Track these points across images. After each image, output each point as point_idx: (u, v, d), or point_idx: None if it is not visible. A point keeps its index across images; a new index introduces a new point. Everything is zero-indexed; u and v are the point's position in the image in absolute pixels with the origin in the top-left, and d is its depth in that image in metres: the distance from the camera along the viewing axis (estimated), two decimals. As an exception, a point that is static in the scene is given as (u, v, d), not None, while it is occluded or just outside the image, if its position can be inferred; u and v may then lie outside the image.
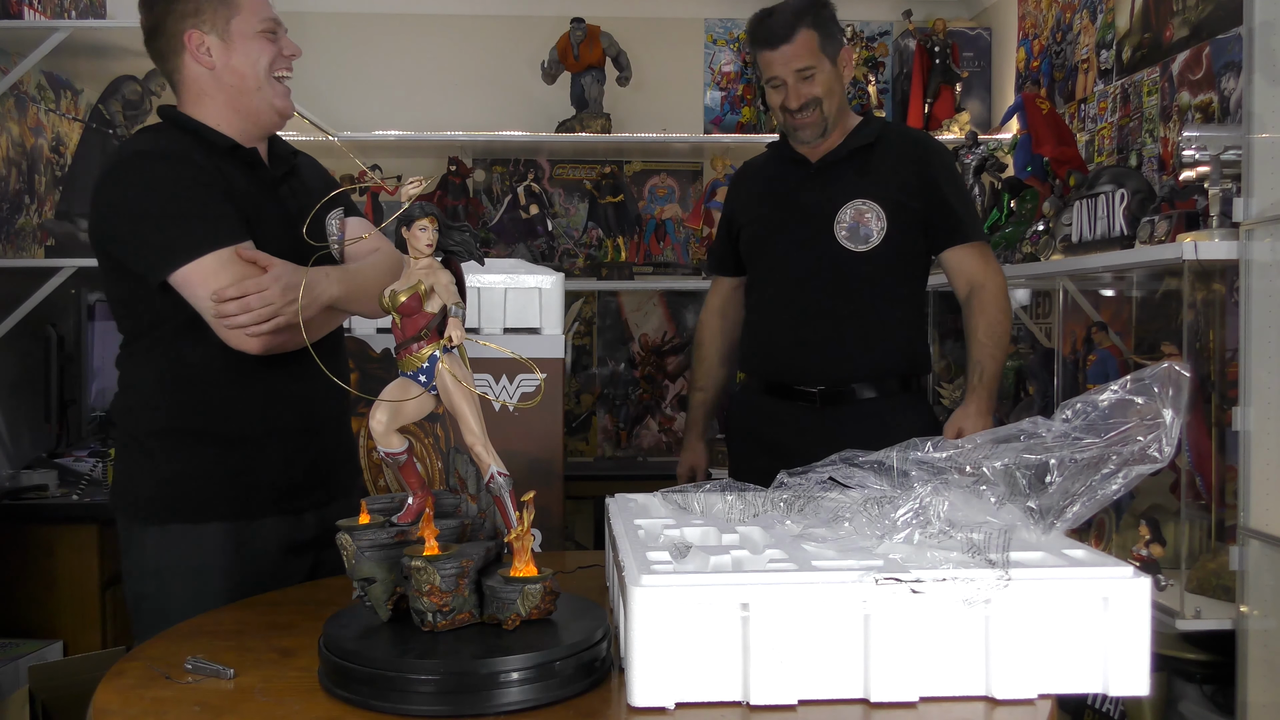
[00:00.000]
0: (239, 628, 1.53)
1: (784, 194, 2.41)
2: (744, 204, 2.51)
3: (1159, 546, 2.40)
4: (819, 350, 2.34)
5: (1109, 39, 3.19)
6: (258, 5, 1.80)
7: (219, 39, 1.77)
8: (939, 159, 2.40)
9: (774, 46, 2.28)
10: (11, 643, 2.77)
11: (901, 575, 1.19)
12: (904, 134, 2.48)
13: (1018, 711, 1.19)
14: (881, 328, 2.35)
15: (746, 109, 4.27)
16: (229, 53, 1.78)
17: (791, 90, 2.30)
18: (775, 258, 2.40)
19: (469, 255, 1.35)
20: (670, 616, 1.17)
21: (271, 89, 1.81)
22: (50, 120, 3.38)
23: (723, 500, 1.59)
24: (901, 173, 2.34)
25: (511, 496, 1.32)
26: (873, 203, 2.32)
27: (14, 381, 3.15)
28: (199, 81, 1.80)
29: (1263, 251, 2.14)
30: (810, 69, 2.28)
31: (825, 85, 2.31)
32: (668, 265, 4.16)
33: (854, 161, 2.37)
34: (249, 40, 1.78)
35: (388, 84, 4.15)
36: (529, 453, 2.62)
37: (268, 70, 1.80)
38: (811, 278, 2.35)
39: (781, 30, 2.27)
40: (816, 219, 2.34)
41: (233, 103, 1.80)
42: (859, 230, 2.31)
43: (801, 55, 2.27)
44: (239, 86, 1.79)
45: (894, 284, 2.37)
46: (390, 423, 1.35)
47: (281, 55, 1.82)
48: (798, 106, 2.30)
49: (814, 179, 2.38)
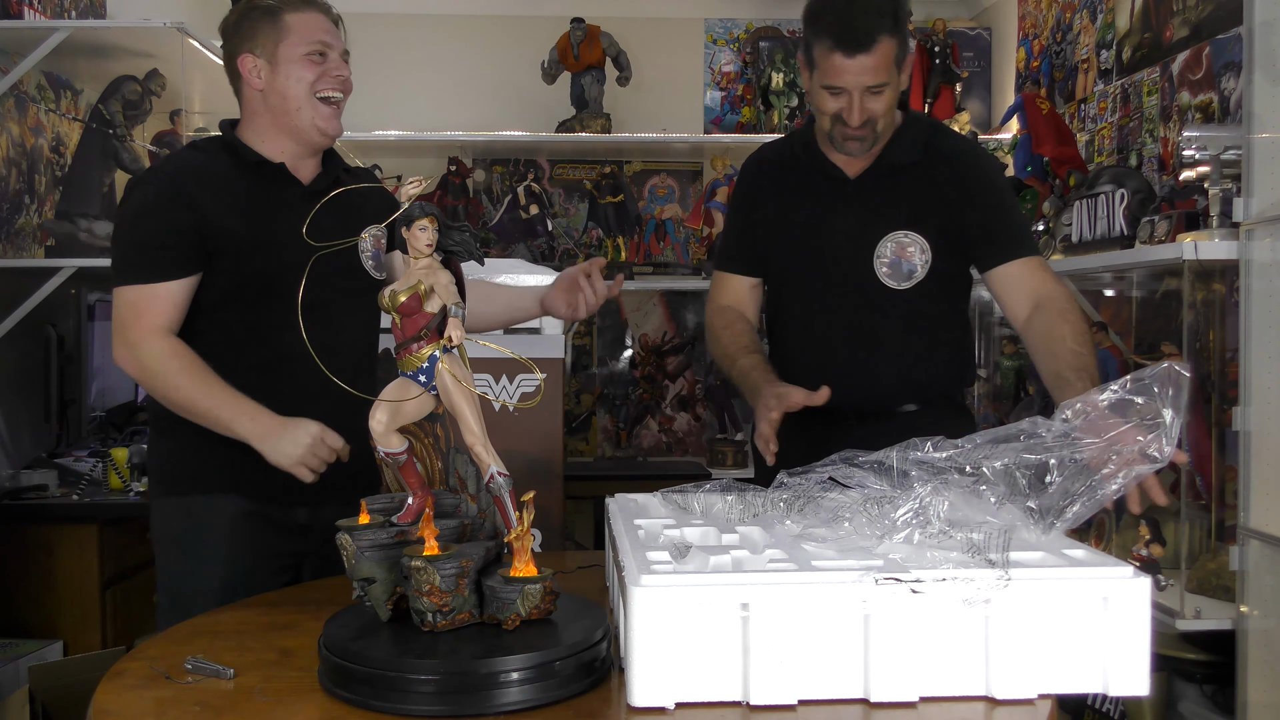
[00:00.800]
0: (239, 628, 1.53)
1: (816, 213, 2.09)
2: (767, 209, 2.16)
3: (1159, 546, 2.40)
4: (855, 385, 2.04)
5: (1109, 39, 3.19)
6: (308, 30, 1.88)
7: (267, 62, 1.87)
8: (987, 173, 2.10)
9: (850, 53, 1.91)
10: (11, 643, 2.77)
11: (901, 575, 1.19)
12: (950, 146, 2.11)
13: (1017, 711, 1.19)
14: (924, 357, 2.09)
15: (746, 109, 4.27)
16: (275, 75, 1.87)
17: (856, 106, 1.95)
18: (806, 289, 2.12)
19: (469, 255, 1.35)
20: (670, 616, 1.17)
21: (314, 109, 1.88)
22: (50, 120, 3.38)
23: (722, 500, 1.59)
24: (946, 192, 2.04)
25: (511, 496, 1.32)
26: (915, 235, 2.03)
27: (14, 381, 3.15)
28: (251, 102, 1.92)
29: (1263, 251, 2.14)
30: (883, 86, 1.95)
31: (889, 102, 1.99)
32: (668, 265, 4.16)
33: (895, 180, 2.06)
34: (294, 63, 1.87)
35: (388, 84, 4.15)
36: (529, 453, 2.62)
37: (309, 91, 1.87)
38: (847, 315, 2.07)
39: (863, 36, 1.91)
40: (854, 251, 2.06)
41: (277, 122, 1.90)
42: (901, 266, 2.04)
43: (879, 70, 1.93)
44: (282, 107, 1.88)
45: (938, 312, 2.10)
46: (390, 423, 1.35)
47: (328, 76, 1.89)
48: (860, 123, 1.97)
49: (850, 200, 2.07)
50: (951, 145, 2.11)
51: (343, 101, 1.94)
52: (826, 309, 2.09)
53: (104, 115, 3.17)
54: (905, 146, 2.06)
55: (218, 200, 1.85)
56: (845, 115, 1.97)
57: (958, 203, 2.04)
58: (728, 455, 3.92)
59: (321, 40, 1.89)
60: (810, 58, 1.99)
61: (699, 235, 4.17)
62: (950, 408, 2.12)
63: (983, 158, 2.15)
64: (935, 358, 2.10)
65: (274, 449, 1.76)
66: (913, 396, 2.08)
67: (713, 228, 4.03)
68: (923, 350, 2.08)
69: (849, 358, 2.06)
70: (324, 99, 1.89)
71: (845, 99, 1.96)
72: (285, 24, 1.87)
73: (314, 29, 1.89)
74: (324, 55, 1.89)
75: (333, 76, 1.90)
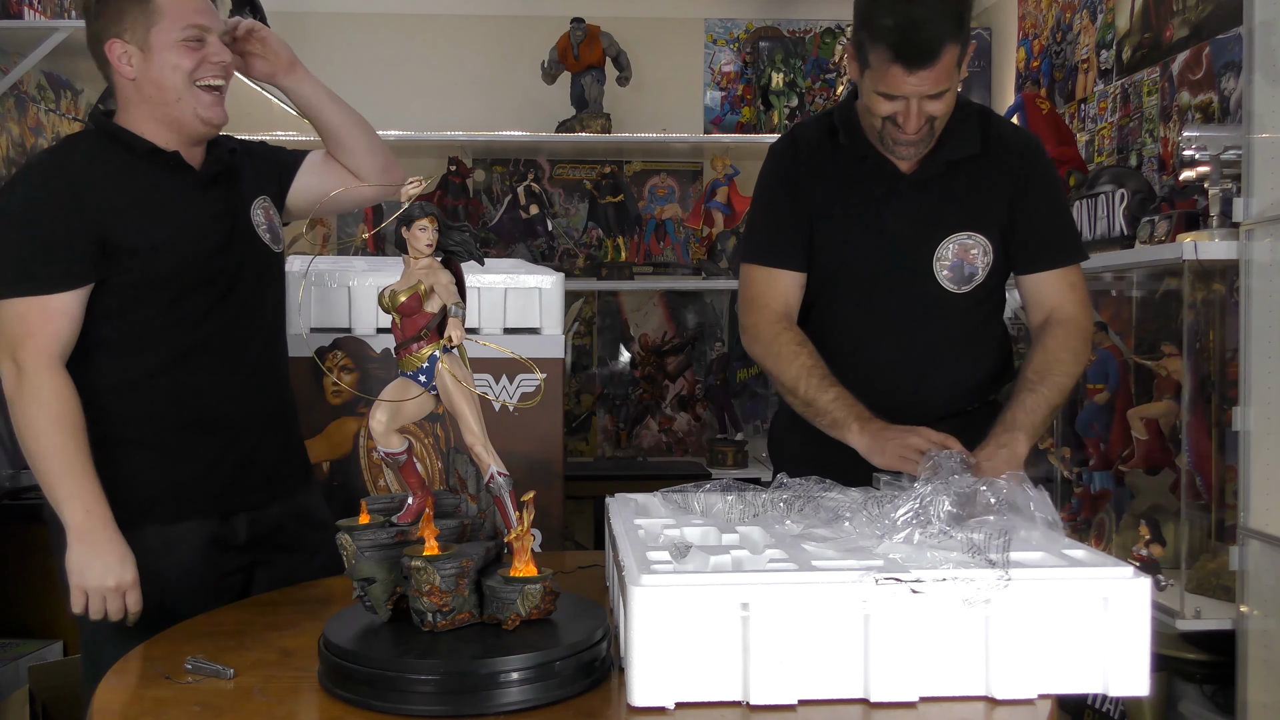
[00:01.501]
0: (239, 628, 1.53)
1: (870, 210, 1.92)
2: (815, 197, 1.96)
3: (1159, 546, 2.40)
4: (901, 390, 1.93)
5: (1109, 39, 3.19)
6: (181, 12, 1.73)
7: (139, 49, 1.72)
8: (1047, 171, 1.97)
9: (912, 68, 1.72)
10: (11, 643, 2.77)
11: (901, 575, 1.19)
12: (1008, 139, 1.96)
13: (1017, 712, 1.19)
14: (974, 362, 2.00)
15: (746, 109, 4.27)
16: (148, 63, 1.73)
17: (914, 112, 1.78)
18: (856, 289, 1.96)
19: (469, 255, 1.35)
20: (670, 616, 1.17)
21: (195, 98, 1.74)
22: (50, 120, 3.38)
23: (723, 500, 1.59)
24: (1005, 188, 1.92)
25: (511, 496, 1.32)
26: (979, 235, 1.90)
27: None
28: (124, 90, 1.77)
29: (1263, 251, 2.14)
30: (943, 91, 1.78)
31: (950, 102, 1.82)
32: (668, 265, 4.16)
33: (954, 175, 1.91)
34: (168, 50, 1.72)
35: (388, 84, 4.15)
36: (529, 453, 2.61)
37: (188, 79, 1.73)
38: (899, 318, 1.94)
39: (927, 48, 1.71)
40: (913, 255, 1.91)
41: (155, 113, 1.76)
42: (963, 269, 1.91)
43: (941, 78, 1.75)
44: (158, 97, 1.74)
45: (988, 313, 2.00)
46: (390, 423, 1.35)
47: (207, 62, 1.75)
48: (917, 128, 1.80)
49: (906, 198, 1.91)
50: (1010, 136, 1.97)
51: (225, 87, 1.79)
52: (876, 311, 1.95)
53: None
54: (964, 139, 1.90)
55: (112, 197, 1.72)
56: (900, 120, 1.80)
57: (1015, 199, 1.92)
58: (728, 455, 3.92)
59: (197, 24, 1.74)
60: (863, 56, 1.79)
61: (699, 235, 4.17)
62: (989, 411, 1.96)
63: (1041, 153, 2.00)
64: (983, 362, 2.01)
65: (84, 556, 1.61)
66: (959, 403, 1.96)
67: (713, 227, 4.03)
68: (974, 356, 1.99)
69: (898, 362, 1.94)
70: (206, 86, 1.75)
71: (903, 104, 1.78)
72: (156, 6, 1.71)
73: (188, 10, 1.73)
74: (201, 41, 1.74)
75: (213, 63, 1.75)
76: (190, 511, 1.77)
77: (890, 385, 1.92)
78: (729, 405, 4.17)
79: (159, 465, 1.76)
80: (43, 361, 1.65)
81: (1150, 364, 2.63)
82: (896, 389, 1.92)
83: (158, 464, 1.76)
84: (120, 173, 1.74)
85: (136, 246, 1.71)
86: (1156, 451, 2.56)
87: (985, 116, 1.97)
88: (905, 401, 1.90)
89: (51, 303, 1.66)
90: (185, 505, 1.77)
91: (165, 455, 1.77)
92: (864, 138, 1.91)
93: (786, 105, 4.12)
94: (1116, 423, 2.70)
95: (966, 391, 1.98)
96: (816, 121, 2.02)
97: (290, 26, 3.99)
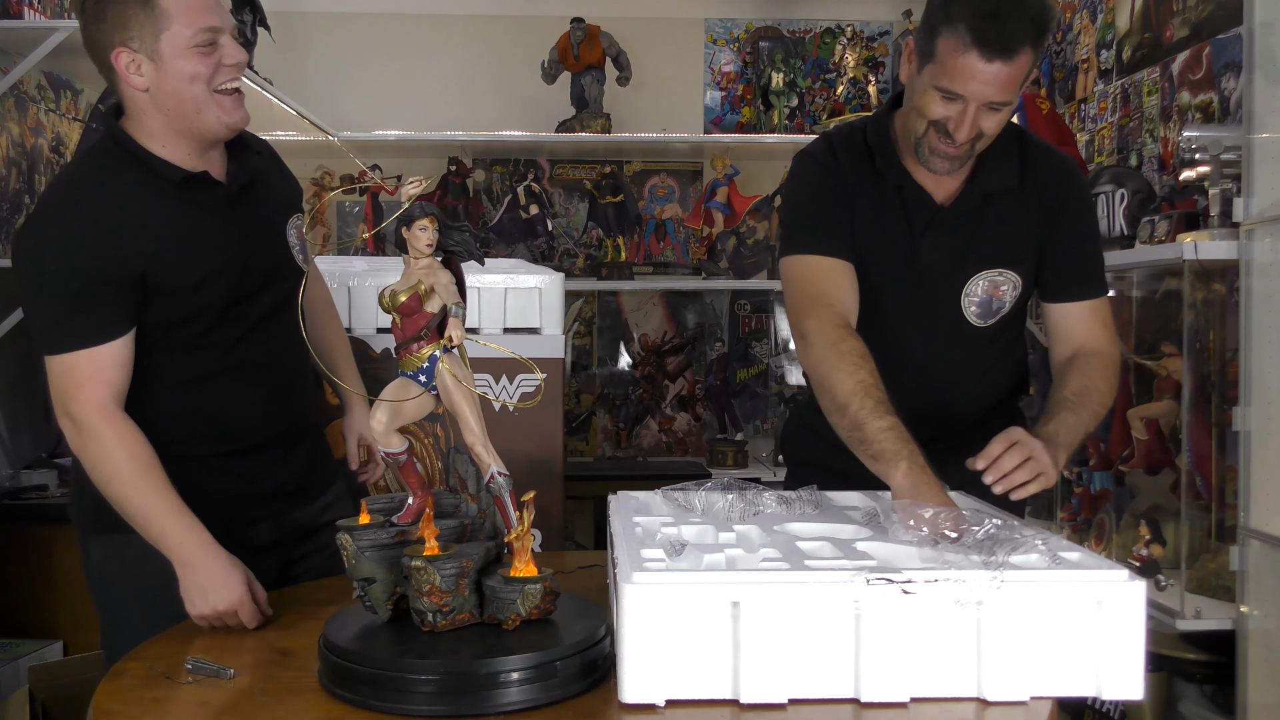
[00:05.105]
0: (239, 628, 1.53)
1: (903, 237, 1.84)
2: (856, 204, 1.86)
3: (1159, 546, 2.40)
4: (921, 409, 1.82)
5: (1109, 39, 3.19)
6: (190, 15, 1.59)
7: (149, 58, 1.59)
8: (1081, 200, 1.90)
9: (989, 57, 1.62)
10: (11, 643, 2.77)
11: (893, 575, 1.19)
12: (1044, 163, 1.87)
13: (1011, 713, 1.19)
14: (996, 385, 1.97)
15: (746, 109, 4.27)
16: (161, 73, 1.59)
17: (969, 118, 1.67)
18: (884, 309, 1.87)
19: (469, 255, 1.35)
20: (661, 614, 1.17)
21: (217, 105, 1.63)
22: (50, 120, 3.38)
23: (723, 499, 1.59)
24: (1038, 222, 1.85)
25: (511, 496, 1.32)
26: (1009, 271, 1.84)
27: (14, 381, 3.15)
28: (136, 101, 1.63)
29: (1263, 251, 2.14)
30: (1006, 104, 1.68)
31: (1002, 122, 1.73)
32: (668, 265, 4.16)
33: (988, 211, 1.84)
34: (181, 58, 1.58)
35: (388, 84, 4.15)
36: (529, 453, 2.61)
37: (207, 88, 1.61)
38: (925, 343, 1.88)
39: (1010, 39, 1.61)
40: (944, 285, 1.85)
41: (173, 124, 1.63)
42: (991, 305, 1.86)
43: (1010, 84, 1.65)
44: (177, 110, 1.61)
45: (1011, 337, 1.96)
46: (390, 423, 1.35)
47: (223, 66, 1.62)
48: (965, 140, 1.70)
49: (940, 230, 1.83)
50: (1045, 163, 1.87)
51: (241, 83, 1.67)
52: (902, 335, 1.88)
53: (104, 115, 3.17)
54: (1003, 172, 1.82)
55: (147, 236, 1.60)
56: (951, 127, 1.68)
57: (1049, 229, 1.85)
58: (728, 455, 3.92)
59: (209, 26, 1.60)
60: (929, 48, 1.67)
61: (699, 235, 4.17)
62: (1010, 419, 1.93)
63: (1078, 180, 1.92)
64: (1003, 383, 1.98)
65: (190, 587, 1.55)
66: (979, 421, 1.90)
67: (713, 227, 4.03)
68: (995, 380, 1.96)
69: (921, 385, 1.87)
70: (224, 90, 1.63)
71: (959, 108, 1.67)
72: (162, 10, 1.57)
73: (197, 11, 1.59)
74: (214, 43, 1.61)
75: (229, 65, 1.63)
76: (213, 520, 1.68)
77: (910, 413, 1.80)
78: (729, 405, 4.17)
79: (176, 475, 1.68)
80: (96, 413, 1.58)
81: (1150, 364, 2.63)
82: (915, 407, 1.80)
83: (174, 475, 1.68)
84: (151, 206, 1.63)
85: (175, 286, 1.63)
86: (1156, 451, 2.56)
87: (1022, 140, 1.88)
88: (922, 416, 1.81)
89: (98, 354, 1.58)
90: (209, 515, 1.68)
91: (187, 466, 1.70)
92: (901, 164, 1.83)
93: (786, 105, 4.12)
94: (1116, 423, 2.70)
95: (986, 411, 1.94)
96: (849, 135, 1.91)
97: (290, 26, 3.99)
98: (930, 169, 1.77)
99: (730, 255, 4.02)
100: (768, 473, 3.81)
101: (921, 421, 1.78)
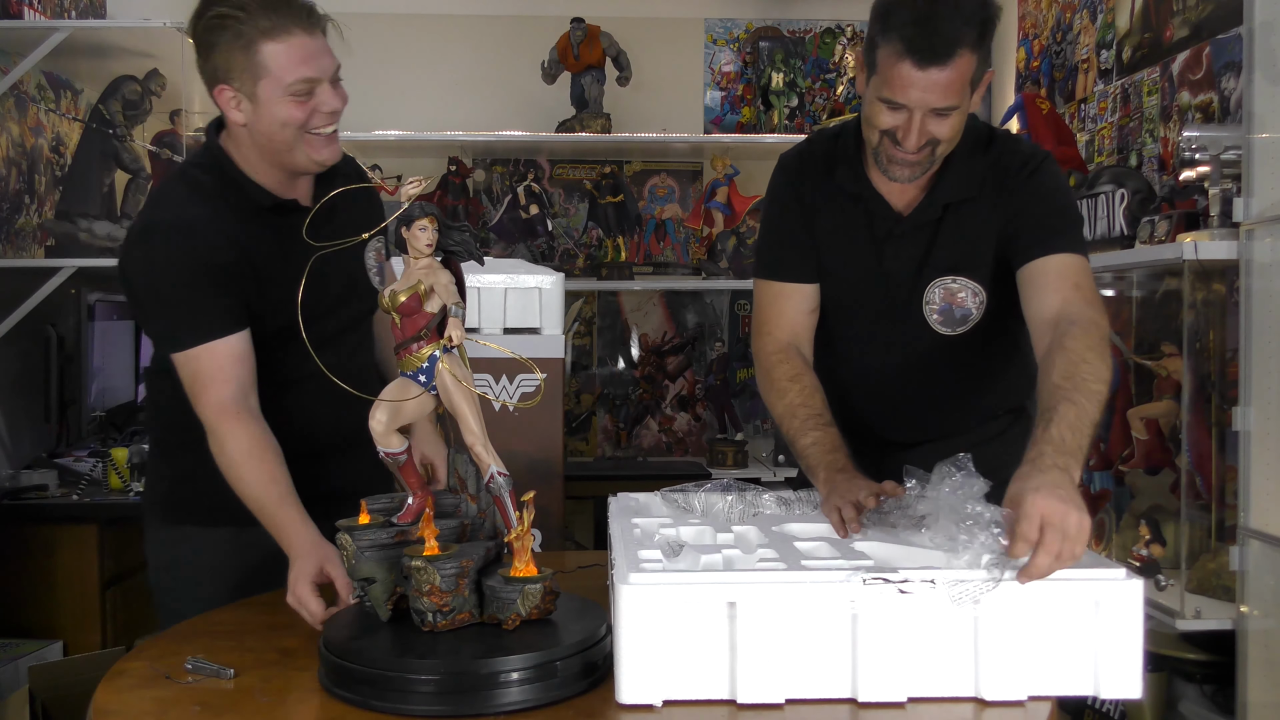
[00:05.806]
0: (239, 628, 1.53)
1: (868, 250, 1.84)
2: (820, 222, 1.87)
3: (1159, 546, 2.40)
4: (912, 419, 1.89)
5: (1109, 39, 3.19)
6: (289, 66, 1.65)
7: (248, 99, 1.68)
8: (1044, 172, 1.80)
9: (923, 64, 1.59)
10: (11, 643, 2.77)
11: (889, 575, 1.19)
12: (1011, 156, 1.80)
13: (1009, 713, 1.19)
14: (986, 388, 1.92)
15: (746, 109, 4.27)
16: (258, 114, 1.68)
17: (915, 126, 1.65)
18: (857, 324, 1.88)
19: (469, 255, 1.35)
20: (658, 615, 1.17)
21: (307, 144, 1.70)
22: (50, 120, 3.38)
23: (723, 500, 1.60)
24: (997, 221, 1.78)
25: (511, 496, 1.32)
26: (964, 279, 1.80)
27: (14, 381, 3.15)
28: (235, 129, 1.74)
29: (1263, 251, 2.14)
30: (952, 108, 1.64)
31: (955, 127, 1.68)
32: (668, 265, 4.16)
33: (944, 220, 1.80)
34: (277, 104, 1.66)
35: (388, 84, 4.15)
36: (529, 453, 2.62)
37: (298, 133, 1.69)
38: (901, 355, 1.87)
39: (941, 45, 1.59)
40: (907, 296, 1.83)
41: (266, 157, 1.73)
42: (953, 313, 1.81)
43: (950, 89, 1.62)
44: (269, 146, 1.71)
45: (1001, 345, 1.88)
46: (390, 423, 1.35)
47: (318, 113, 1.69)
48: (916, 148, 1.67)
49: (902, 241, 1.82)
50: (1011, 153, 1.80)
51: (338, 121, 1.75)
52: (879, 348, 1.87)
53: (104, 115, 3.17)
54: (962, 180, 1.77)
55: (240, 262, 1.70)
56: (900, 135, 1.67)
57: (1007, 217, 1.77)
58: (728, 455, 3.92)
59: (306, 77, 1.66)
60: (871, 59, 1.68)
61: (699, 235, 4.17)
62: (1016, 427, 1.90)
63: (1042, 164, 1.81)
64: (998, 387, 1.93)
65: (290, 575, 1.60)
66: (976, 424, 1.91)
67: (713, 227, 4.03)
68: (983, 383, 1.91)
69: (905, 395, 1.88)
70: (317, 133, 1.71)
71: (904, 116, 1.65)
72: (261, 60, 1.64)
73: (295, 61, 1.66)
74: (311, 93, 1.68)
75: (324, 113, 1.70)
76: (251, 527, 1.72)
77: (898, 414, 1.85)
78: (729, 405, 4.17)
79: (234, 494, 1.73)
80: (216, 414, 1.66)
81: (1150, 364, 2.63)
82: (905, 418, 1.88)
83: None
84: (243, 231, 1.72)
85: (259, 311, 1.71)
86: (1156, 451, 2.56)
87: (989, 140, 1.81)
88: (915, 428, 1.88)
89: (218, 349, 1.66)
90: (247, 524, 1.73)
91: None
92: (866, 179, 1.82)
93: (786, 105, 4.12)
94: (1116, 423, 2.70)
95: (980, 415, 1.93)
96: (813, 153, 1.91)
97: (290, 26, 3.98)
98: (891, 178, 1.75)
99: (730, 255, 4.02)
100: (768, 473, 3.81)
101: (910, 426, 1.86)
